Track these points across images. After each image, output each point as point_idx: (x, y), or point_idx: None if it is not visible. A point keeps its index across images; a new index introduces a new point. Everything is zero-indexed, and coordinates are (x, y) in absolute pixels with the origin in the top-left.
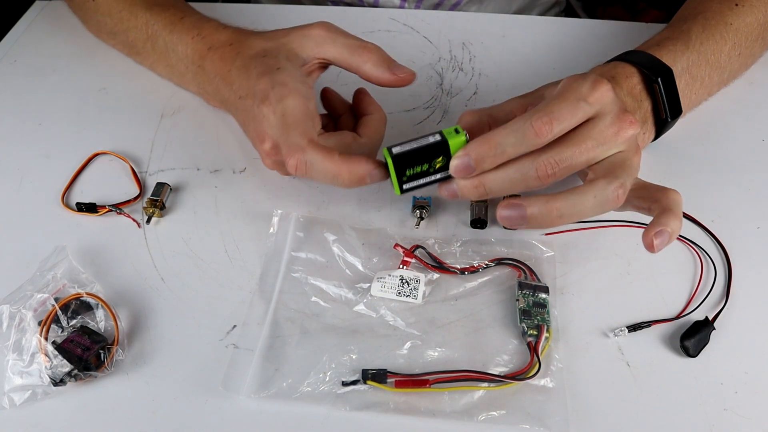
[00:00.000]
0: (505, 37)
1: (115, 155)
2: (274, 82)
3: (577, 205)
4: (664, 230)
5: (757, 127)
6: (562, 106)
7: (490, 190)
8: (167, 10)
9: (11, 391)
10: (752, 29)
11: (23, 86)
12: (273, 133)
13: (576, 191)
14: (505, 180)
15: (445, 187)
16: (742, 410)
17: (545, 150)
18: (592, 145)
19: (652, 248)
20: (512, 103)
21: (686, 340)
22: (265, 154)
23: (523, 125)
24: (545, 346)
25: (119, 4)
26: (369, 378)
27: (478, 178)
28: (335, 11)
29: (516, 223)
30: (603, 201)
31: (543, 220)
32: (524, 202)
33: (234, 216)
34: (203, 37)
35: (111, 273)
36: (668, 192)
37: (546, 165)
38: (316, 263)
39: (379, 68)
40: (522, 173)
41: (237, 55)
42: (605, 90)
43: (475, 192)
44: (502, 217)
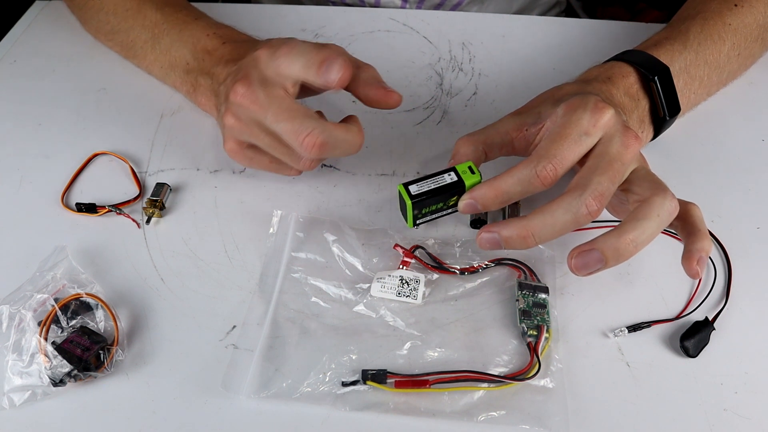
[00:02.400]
0: (505, 37)
1: (115, 155)
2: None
3: (647, 230)
4: (703, 255)
5: (757, 127)
6: (564, 147)
7: (541, 238)
8: (180, 11)
9: (11, 391)
10: (751, 30)
11: (23, 86)
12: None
13: (640, 217)
14: (556, 224)
15: (487, 240)
16: (742, 410)
17: (584, 186)
18: (619, 167)
19: (696, 276)
20: (507, 123)
21: (686, 341)
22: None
23: (528, 174)
24: (545, 347)
25: (126, 2)
26: (369, 378)
27: (525, 229)
28: (335, 11)
29: (594, 267)
30: (666, 216)
31: (620, 254)
32: (596, 245)
33: (234, 216)
34: (219, 36)
35: (111, 273)
36: (691, 208)
37: (593, 201)
38: (316, 263)
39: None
40: (572, 215)
41: (252, 47)
42: (607, 117)
43: (524, 243)
44: (578, 266)
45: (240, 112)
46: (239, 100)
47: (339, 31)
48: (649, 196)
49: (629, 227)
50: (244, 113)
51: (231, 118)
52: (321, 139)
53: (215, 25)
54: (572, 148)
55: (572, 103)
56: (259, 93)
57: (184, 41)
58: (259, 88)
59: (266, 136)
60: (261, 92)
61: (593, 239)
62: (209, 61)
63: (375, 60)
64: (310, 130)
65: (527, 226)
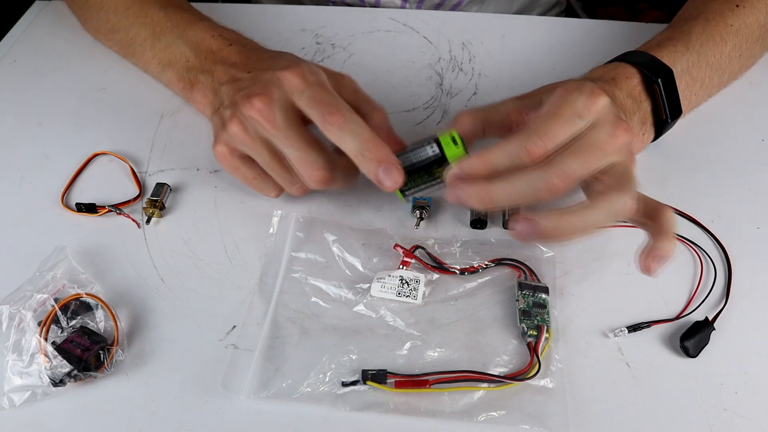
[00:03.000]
0: (505, 37)
1: (115, 155)
2: (306, 63)
3: (591, 219)
4: (660, 255)
5: (757, 127)
6: (556, 126)
7: (497, 202)
8: (184, 11)
9: (11, 391)
10: (753, 30)
11: (23, 86)
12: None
13: (588, 205)
14: (514, 192)
15: (452, 194)
16: (742, 410)
17: (553, 162)
18: (597, 154)
19: (649, 272)
20: (509, 104)
21: (686, 341)
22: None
23: (517, 148)
24: (545, 347)
25: (127, 1)
26: (369, 378)
27: (486, 191)
28: (335, 11)
29: (530, 237)
30: (616, 213)
31: (557, 233)
32: (537, 217)
33: (234, 216)
34: (226, 38)
35: (111, 273)
36: (664, 211)
37: (556, 178)
38: (315, 263)
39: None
40: (532, 186)
41: (267, 55)
42: (602, 104)
43: (481, 204)
44: (516, 231)
45: (249, 124)
46: (253, 114)
47: (339, 31)
48: (608, 189)
49: (574, 210)
50: (254, 127)
51: (237, 127)
52: (326, 175)
53: (221, 27)
54: (563, 128)
55: (569, 86)
56: (277, 114)
57: (187, 40)
58: (278, 110)
59: (268, 153)
60: (279, 114)
61: (538, 212)
62: (211, 59)
63: (375, 60)
64: (322, 164)
65: (487, 189)
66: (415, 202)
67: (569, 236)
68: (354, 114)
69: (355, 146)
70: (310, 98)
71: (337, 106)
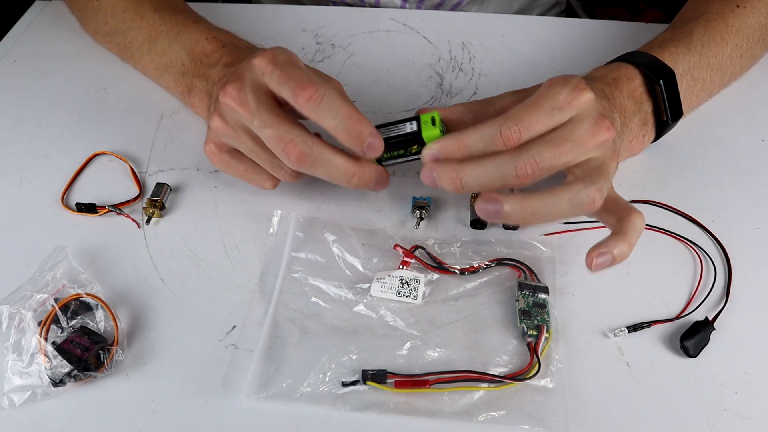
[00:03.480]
0: (505, 37)
1: (115, 155)
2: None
3: (552, 206)
4: (608, 253)
5: (757, 127)
6: (534, 115)
7: (467, 184)
8: (179, 14)
9: (11, 391)
10: (753, 31)
11: (23, 86)
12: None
13: (552, 192)
14: (484, 176)
15: (426, 174)
16: (742, 410)
17: (525, 149)
18: (571, 147)
19: (590, 267)
20: (505, 99)
21: (686, 341)
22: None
23: (492, 132)
24: (545, 347)
25: (125, 4)
26: (369, 378)
27: (456, 172)
28: (335, 11)
29: (491, 216)
30: (578, 204)
31: (517, 217)
32: (501, 198)
33: (234, 216)
34: (219, 40)
35: (111, 273)
36: (632, 214)
37: (526, 165)
38: (315, 263)
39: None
40: (501, 172)
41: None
42: (584, 99)
43: (451, 184)
44: (479, 209)
45: (227, 113)
46: (227, 102)
47: (339, 31)
48: (575, 180)
49: (537, 196)
50: (231, 115)
51: (217, 120)
52: (302, 149)
53: (215, 29)
54: (541, 118)
55: (556, 78)
56: (249, 96)
57: (182, 43)
58: (250, 93)
59: (250, 140)
60: (251, 96)
61: (503, 193)
62: (206, 63)
63: (375, 60)
64: (293, 137)
65: (458, 170)
66: (415, 202)
67: (527, 221)
68: (329, 87)
69: (335, 123)
70: (279, 76)
71: (309, 81)
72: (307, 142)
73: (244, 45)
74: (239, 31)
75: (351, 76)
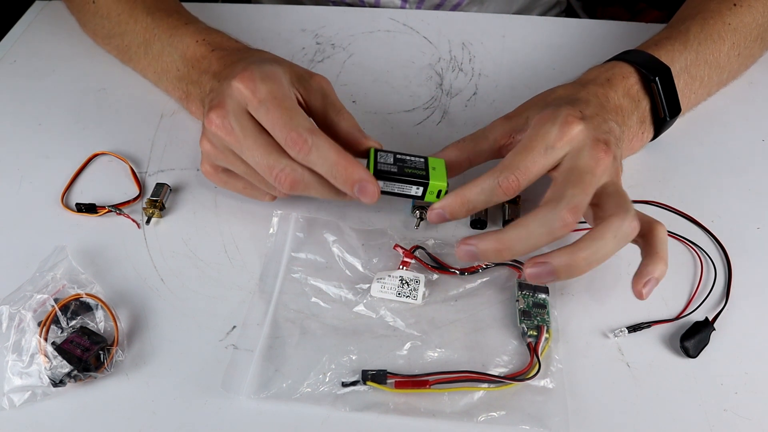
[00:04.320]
0: (505, 37)
1: (115, 155)
2: (260, 67)
3: (601, 250)
4: (652, 279)
5: (757, 127)
6: (528, 159)
7: (515, 251)
8: (171, 15)
9: (11, 391)
10: (751, 29)
11: (23, 86)
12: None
13: (596, 237)
14: (530, 237)
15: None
16: (742, 410)
17: (558, 198)
18: (590, 179)
19: (641, 297)
20: (496, 130)
21: (686, 341)
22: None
23: (491, 184)
24: (545, 347)
25: (119, 6)
26: (369, 379)
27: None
28: (335, 11)
29: (545, 278)
30: (623, 237)
31: (572, 270)
32: (549, 258)
33: (234, 216)
34: (209, 43)
35: (111, 273)
36: (655, 228)
37: (567, 213)
38: (315, 264)
39: (354, 129)
40: (547, 227)
41: (239, 59)
42: (575, 132)
43: (499, 257)
44: (531, 275)
45: (215, 140)
46: (213, 129)
47: (339, 31)
48: (610, 215)
49: (584, 246)
50: (219, 142)
51: (207, 144)
52: (292, 177)
53: (205, 30)
54: (536, 160)
55: (543, 116)
56: (234, 125)
57: (175, 47)
58: (233, 119)
59: (241, 164)
60: (236, 124)
61: (549, 252)
62: (197, 68)
63: (375, 60)
64: (283, 167)
65: (502, 239)
66: (415, 202)
67: (582, 271)
68: (316, 134)
69: (325, 170)
70: (265, 117)
71: (296, 129)
72: (297, 170)
73: (233, 46)
74: (239, 31)
75: (351, 76)
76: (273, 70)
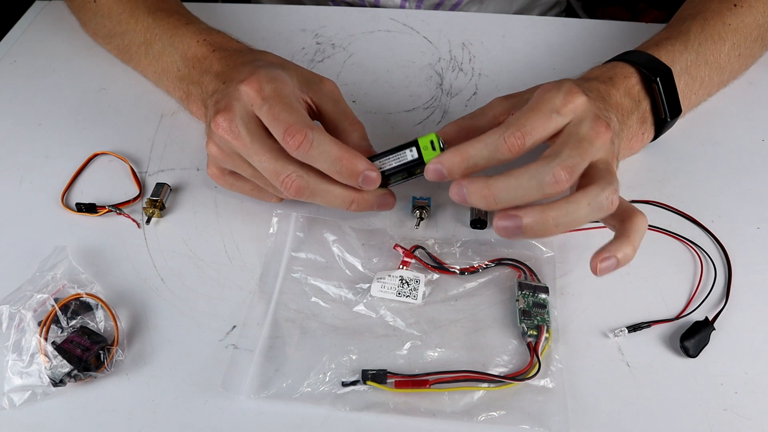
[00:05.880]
0: (505, 37)
1: (115, 155)
2: (267, 70)
3: (572, 214)
4: (612, 257)
5: (757, 127)
6: (534, 120)
7: (500, 199)
8: (172, 15)
9: (11, 391)
10: (751, 30)
11: (23, 86)
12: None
13: (570, 200)
14: (519, 188)
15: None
16: (742, 410)
17: (553, 156)
18: (588, 147)
19: (595, 271)
20: (496, 108)
21: (686, 341)
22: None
23: (496, 140)
24: (545, 347)
25: (120, 6)
26: (369, 378)
27: (488, 188)
28: (335, 11)
29: (513, 233)
30: (598, 207)
31: (539, 229)
32: (520, 213)
33: (234, 216)
34: (210, 43)
35: (111, 273)
36: (634, 215)
37: (563, 170)
38: (316, 264)
39: (364, 141)
40: (537, 181)
41: (244, 61)
42: (579, 102)
43: (483, 201)
44: (499, 228)
45: (222, 143)
46: (220, 133)
47: (339, 31)
48: (590, 184)
49: (555, 206)
50: (226, 145)
51: (214, 147)
52: (298, 183)
53: (206, 30)
54: (542, 121)
55: (547, 85)
56: (241, 129)
57: (175, 47)
58: (241, 124)
59: (248, 167)
60: (243, 128)
61: (520, 207)
62: (198, 69)
63: (375, 60)
64: (290, 172)
65: (491, 186)
66: (415, 202)
67: (551, 232)
68: (317, 131)
69: (327, 166)
70: (267, 115)
71: (297, 126)
72: (303, 176)
73: (234, 47)
74: (239, 31)
75: (351, 76)
76: (279, 73)
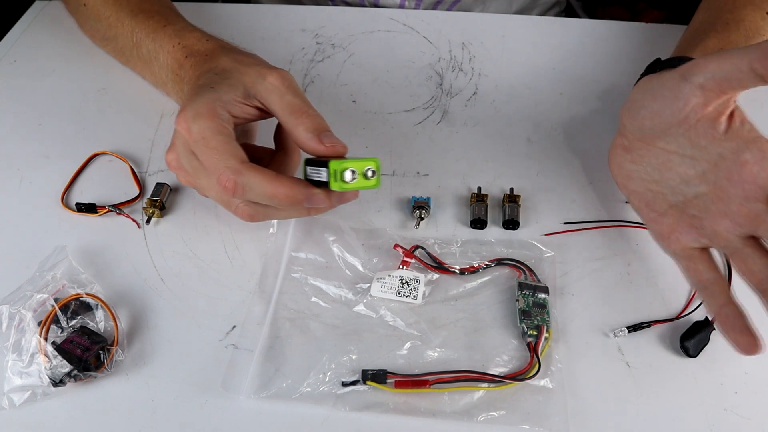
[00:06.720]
0: (505, 37)
1: (115, 155)
2: (193, 105)
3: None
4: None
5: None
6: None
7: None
8: (152, 17)
9: (11, 391)
10: None
11: (23, 86)
12: (181, 151)
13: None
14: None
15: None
16: (742, 410)
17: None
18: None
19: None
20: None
21: (686, 341)
22: (172, 168)
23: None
24: (545, 347)
25: (107, 10)
26: (369, 378)
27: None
28: (335, 11)
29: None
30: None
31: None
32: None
33: (234, 216)
34: (184, 47)
35: (111, 273)
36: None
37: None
38: (315, 263)
39: (309, 135)
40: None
41: (205, 69)
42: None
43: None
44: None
45: (179, 177)
46: (173, 170)
47: (339, 31)
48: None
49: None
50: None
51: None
52: (248, 212)
53: (182, 31)
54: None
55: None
56: (186, 166)
57: (157, 53)
58: (185, 161)
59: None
60: (187, 164)
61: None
62: (179, 78)
63: (375, 60)
64: (237, 204)
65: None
66: (415, 202)
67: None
68: (246, 174)
69: (267, 202)
70: (199, 159)
71: (225, 174)
72: (250, 205)
73: (204, 50)
74: (239, 31)
75: (351, 76)
76: (206, 104)
